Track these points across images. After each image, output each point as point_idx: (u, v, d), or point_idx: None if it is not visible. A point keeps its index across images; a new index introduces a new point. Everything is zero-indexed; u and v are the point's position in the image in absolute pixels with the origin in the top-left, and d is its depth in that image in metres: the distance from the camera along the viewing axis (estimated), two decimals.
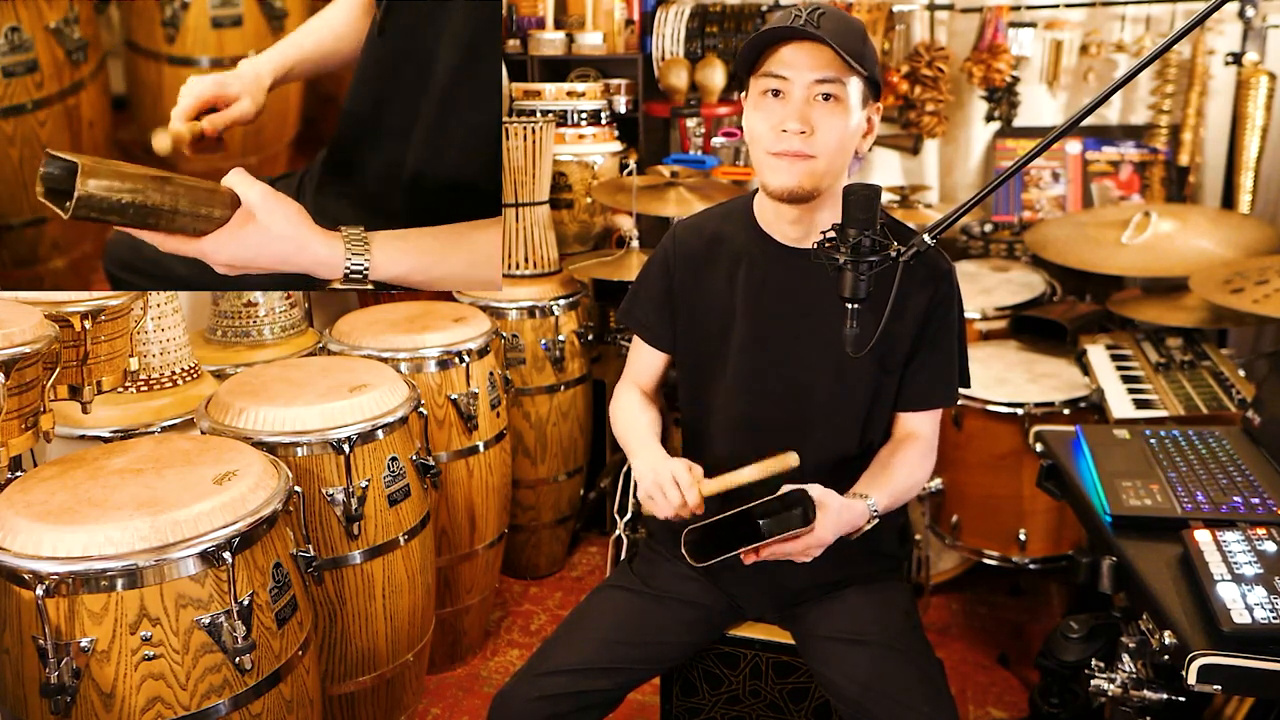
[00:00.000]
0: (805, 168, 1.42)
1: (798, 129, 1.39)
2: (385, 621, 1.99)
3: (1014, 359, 2.60)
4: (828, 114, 1.40)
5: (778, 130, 1.41)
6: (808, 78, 1.39)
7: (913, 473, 1.54)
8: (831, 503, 1.38)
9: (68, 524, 1.39)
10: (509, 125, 2.72)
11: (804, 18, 1.38)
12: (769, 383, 1.55)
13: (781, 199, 1.46)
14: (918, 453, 1.56)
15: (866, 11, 3.12)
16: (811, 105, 1.40)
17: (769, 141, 1.42)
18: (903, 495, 1.54)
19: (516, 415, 2.79)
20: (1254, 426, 1.72)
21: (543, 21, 3.39)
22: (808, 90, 1.39)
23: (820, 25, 1.37)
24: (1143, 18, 3.03)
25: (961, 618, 2.68)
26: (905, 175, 3.40)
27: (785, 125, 1.40)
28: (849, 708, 1.46)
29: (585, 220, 3.13)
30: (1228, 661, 1.14)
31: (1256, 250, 2.53)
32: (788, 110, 1.40)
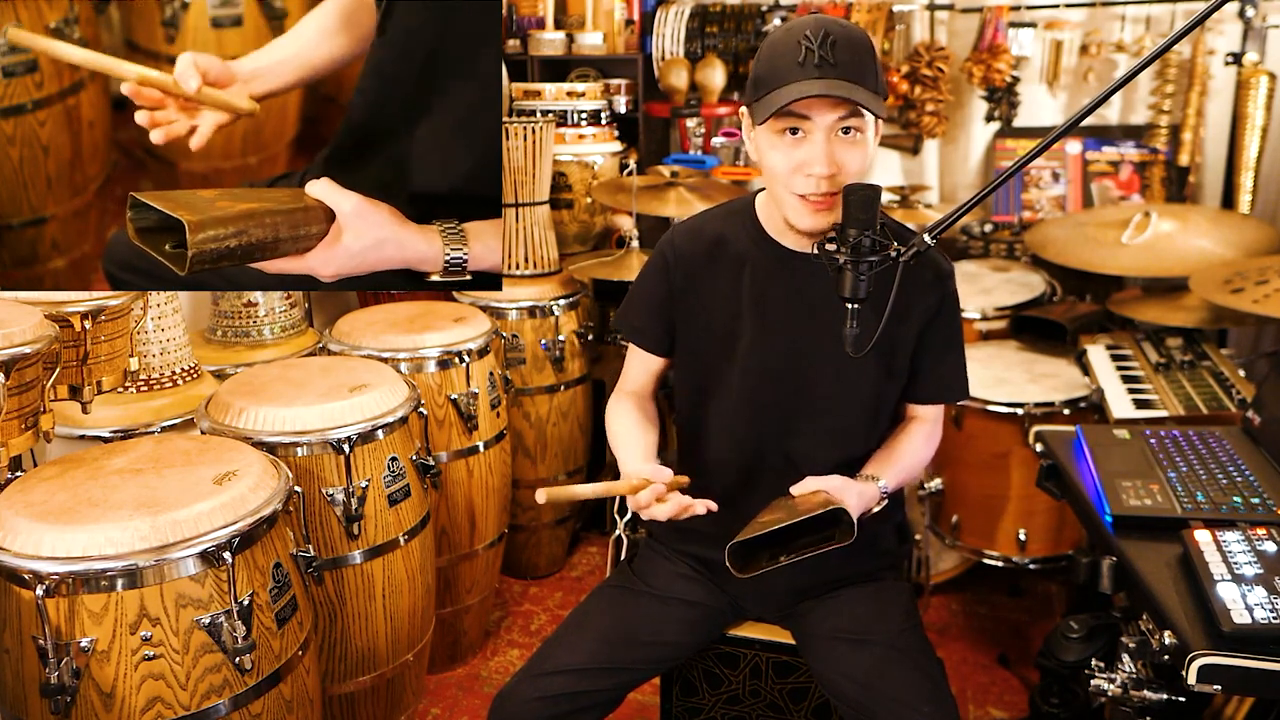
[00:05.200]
0: (833, 207, 1.39)
1: (824, 172, 1.36)
2: (385, 621, 1.99)
3: (1014, 359, 2.60)
4: (851, 148, 1.37)
5: (803, 173, 1.37)
6: (829, 118, 1.35)
7: (917, 451, 1.58)
8: (846, 487, 1.41)
9: (68, 524, 1.39)
10: (509, 125, 2.72)
11: (817, 54, 1.32)
12: (773, 387, 1.55)
13: (805, 236, 1.46)
14: (923, 434, 1.60)
15: (866, 11, 3.12)
16: (833, 143, 1.36)
17: (794, 184, 1.39)
18: (910, 475, 1.58)
19: (516, 415, 2.79)
20: (1254, 426, 1.72)
21: (543, 21, 3.39)
22: (829, 129, 1.36)
23: (836, 59, 1.32)
24: (1143, 18, 3.03)
25: (961, 618, 2.68)
26: (905, 175, 3.40)
27: (811, 170, 1.36)
28: (849, 707, 1.46)
29: (585, 220, 3.13)
30: (1228, 661, 1.14)
31: (1256, 250, 2.53)
32: (813, 152, 1.36)
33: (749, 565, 1.35)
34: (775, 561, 1.35)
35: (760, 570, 1.35)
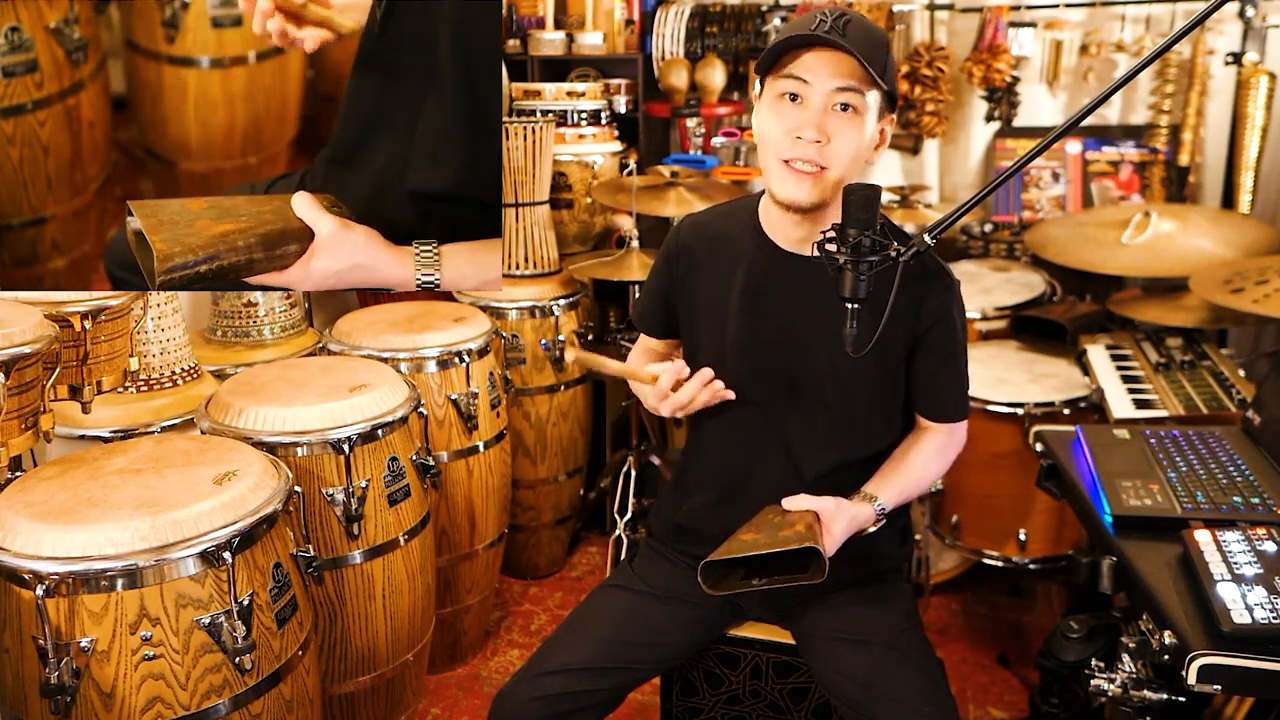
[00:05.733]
0: (816, 182, 1.41)
1: (814, 137, 1.38)
2: (385, 621, 1.99)
3: (1014, 359, 2.60)
4: (844, 124, 1.39)
5: (792, 136, 1.39)
6: (828, 85, 1.37)
7: (927, 466, 1.56)
8: (839, 512, 1.42)
9: (68, 524, 1.39)
10: (509, 125, 2.72)
11: (829, 24, 1.35)
12: (767, 386, 1.55)
13: (787, 209, 1.46)
14: (934, 447, 1.58)
15: (866, 11, 3.12)
16: (829, 114, 1.38)
17: (782, 147, 1.41)
18: (916, 491, 1.57)
19: (516, 415, 2.79)
20: (1254, 426, 1.72)
21: (543, 21, 3.39)
22: (827, 98, 1.38)
23: (846, 33, 1.35)
24: (1143, 18, 3.03)
25: (961, 618, 2.68)
26: (905, 175, 3.40)
27: (801, 133, 1.38)
28: (849, 707, 1.46)
29: (585, 220, 3.13)
30: (1228, 661, 1.14)
31: (1256, 250, 2.53)
32: (805, 117, 1.38)
33: (721, 582, 1.38)
34: (747, 584, 1.38)
35: (731, 590, 1.39)
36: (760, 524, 1.42)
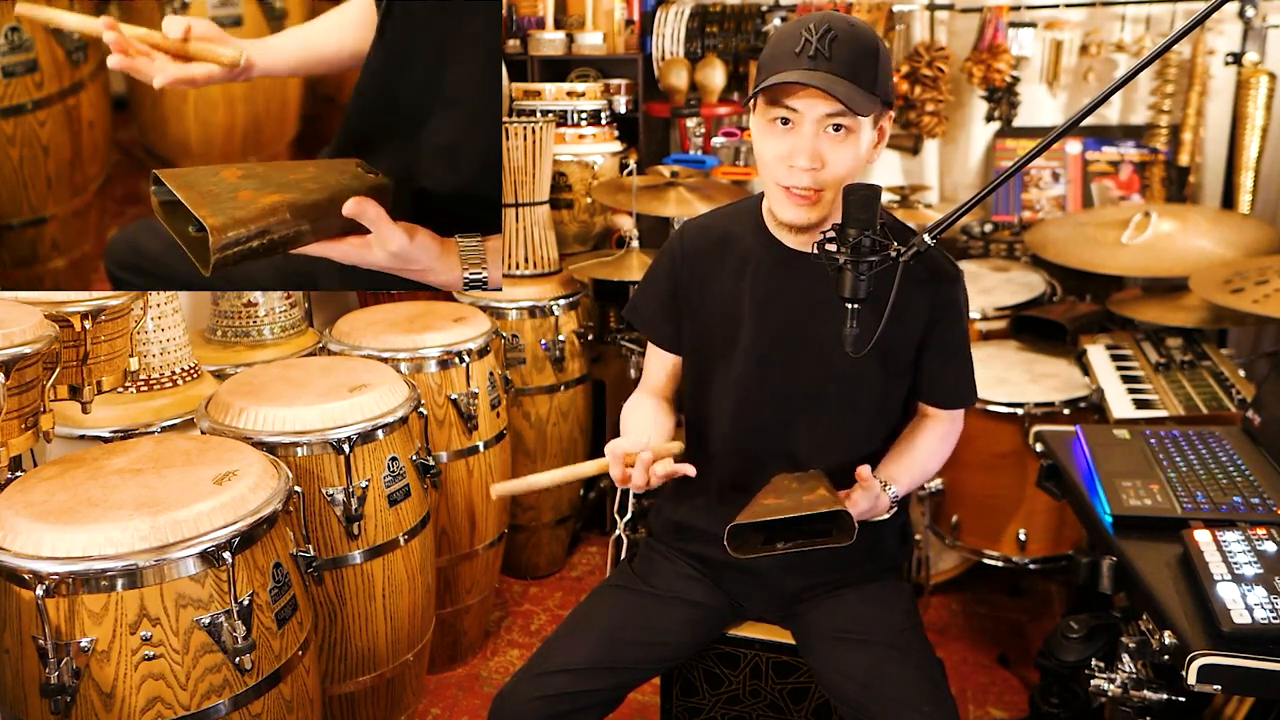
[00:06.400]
0: (814, 205, 1.42)
1: (807, 165, 1.37)
2: (385, 621, 1.99)
3: (1014, 359, 2.60)
4: (838, 146, 1.38)
5: (786, 164, 1.39)
6: (818, 112, 1.36)
7: (933, 453, 1.58)
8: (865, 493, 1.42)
9: (68, 524, 1.39)
10: (509, 125, 2.72)
11: (814, 45, 1.33)
12: (774, 386, 1.55)
13: (789, 229, 1.47)
14: (938, 433, 1.59)
15: (866, 11, 3.12)
16: (821, 138, 1.37)
17: (779, 173, 1.41)
18: (923, 477, 1.58)
19: (516, 415, 2.79)
20: (1254, 426, 1.72)
21: (543, 21, 3.39)
22: (817, 124, 1.37)
23: (832, 54, 1.33)
24: (1143, 18, 3.03)
25: (961, 618, 2.68)
26: (905, 175, 3.40)
27: (794, 160, 1.38)
28: (849, 707, 1.46)
29: (585, 220, 3.13)
30: (1228, 661, 1.14)
31: (1256, 250, 2.53)
32: (798, 144, 1.38)
33: (744, 546, 1.36)
34: (771, 547, 1.36)
35: (755, 554, 1.36)
36: (780, 489, 1.41)
